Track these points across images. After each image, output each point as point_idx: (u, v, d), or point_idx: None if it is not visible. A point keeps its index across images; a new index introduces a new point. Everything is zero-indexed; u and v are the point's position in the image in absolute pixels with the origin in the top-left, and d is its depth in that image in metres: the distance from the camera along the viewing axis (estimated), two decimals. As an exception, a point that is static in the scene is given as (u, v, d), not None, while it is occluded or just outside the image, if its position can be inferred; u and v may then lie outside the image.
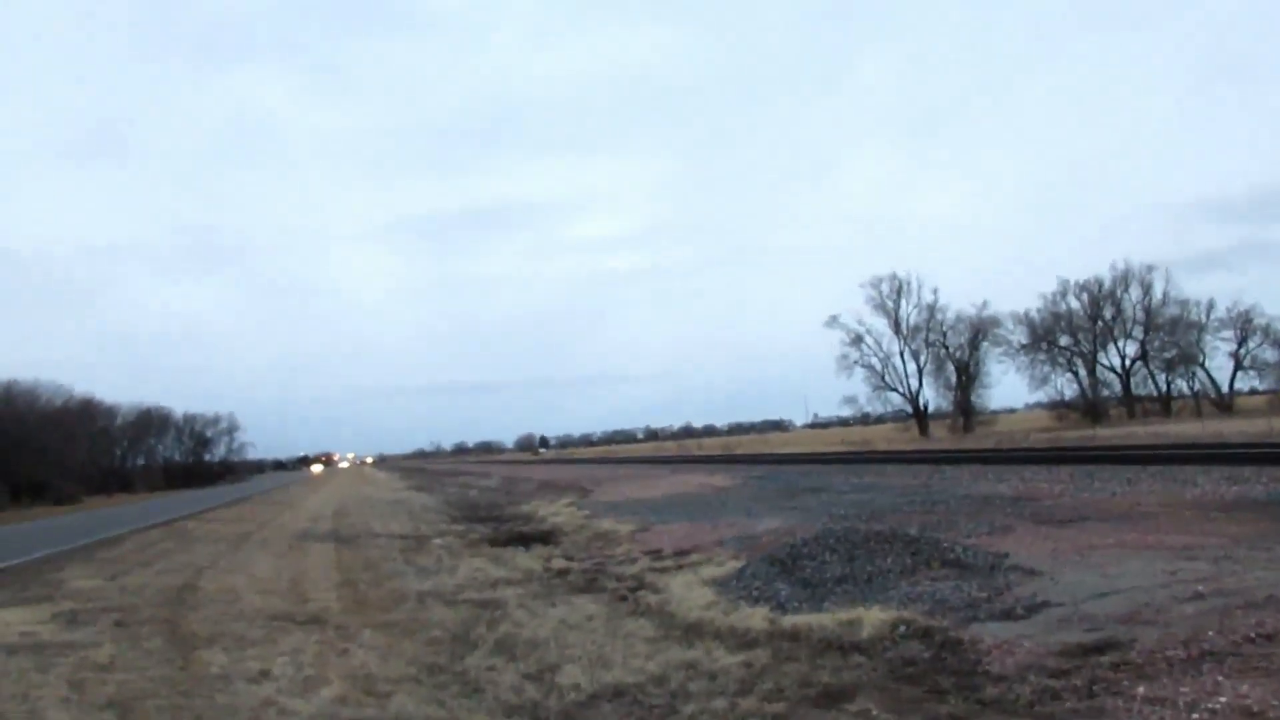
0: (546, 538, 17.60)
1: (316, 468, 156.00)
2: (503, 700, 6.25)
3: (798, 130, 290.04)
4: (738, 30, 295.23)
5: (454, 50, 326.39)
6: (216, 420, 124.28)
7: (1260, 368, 75.96)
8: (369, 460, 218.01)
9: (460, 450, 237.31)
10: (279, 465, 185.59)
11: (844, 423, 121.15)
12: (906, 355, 78.56)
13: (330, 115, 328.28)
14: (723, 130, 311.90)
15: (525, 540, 17.32)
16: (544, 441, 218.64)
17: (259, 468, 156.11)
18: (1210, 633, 5.90)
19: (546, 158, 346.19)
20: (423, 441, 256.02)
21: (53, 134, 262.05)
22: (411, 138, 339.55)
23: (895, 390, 79.22)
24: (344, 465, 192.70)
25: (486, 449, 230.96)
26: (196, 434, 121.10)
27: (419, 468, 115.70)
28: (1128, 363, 79.01)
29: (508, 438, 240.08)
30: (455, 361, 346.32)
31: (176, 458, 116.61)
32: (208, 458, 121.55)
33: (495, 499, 33.51)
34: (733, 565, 11.13)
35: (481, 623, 9.13)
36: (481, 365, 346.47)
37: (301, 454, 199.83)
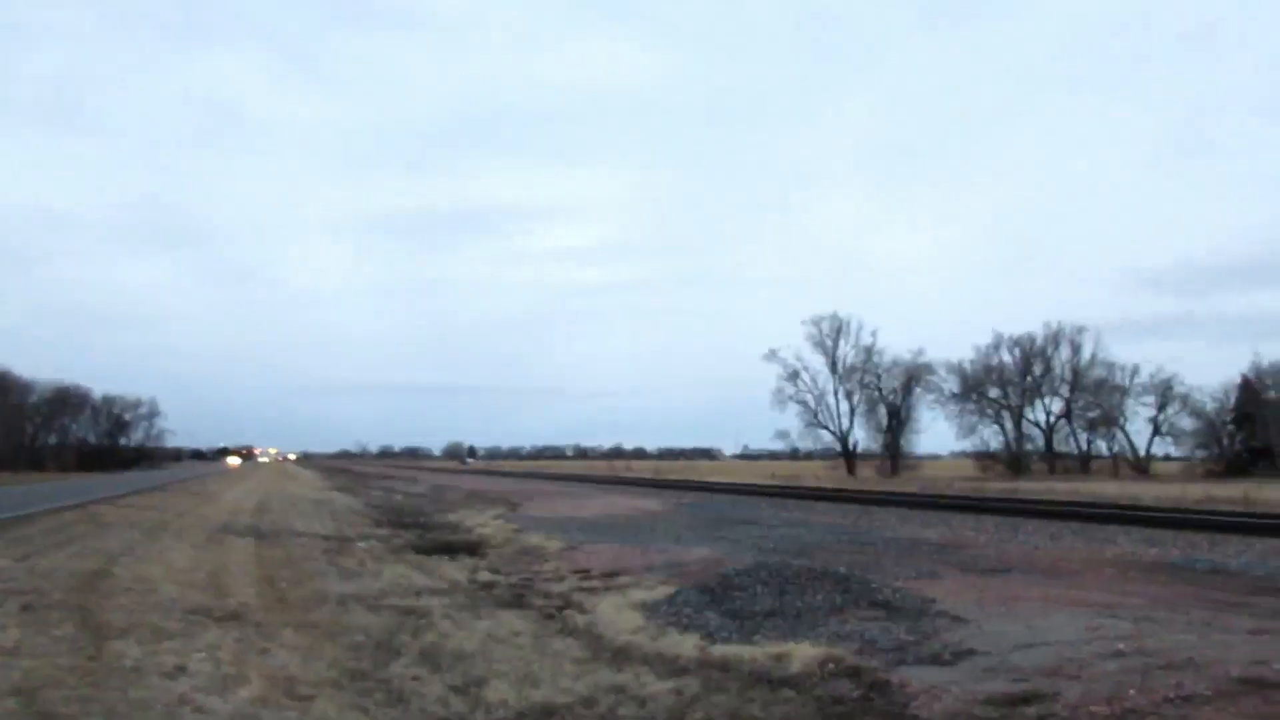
0: (473, 549, 17.37)
1: (233, 460, 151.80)
2: (428, 712, 6.13)
3: (766, 162, 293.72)
4: (719, 56, 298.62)
5: (435, 51, 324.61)
6: (137, 404, 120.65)
7: (1176, 435, 78.58)
8: (291, 457, 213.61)
9: (386, 454, 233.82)
10: (198, 455, 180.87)
11: (774, 456, 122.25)
12: (841, 394, 79.75)
13: (304, 106, 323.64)
14: (690, 154, 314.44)
15: (451, 550, 17.08)
16: (472, 451, 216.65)
17: (176, 456, 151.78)
18: (1131, 691, 6.03)
19: (515, 165, 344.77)
20: (348, 442, 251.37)
21: (9, 94, 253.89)
22: (384, 135, 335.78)
23: (826, 428, 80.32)
24: (264, 460, 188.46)
25: (413, 455, 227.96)
26: (114, 416, 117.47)
27: (343, 468, 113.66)
28: (1052, 419, 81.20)
29: (436, 445, 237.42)
30: (391, 363, 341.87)
31: (91, 439, 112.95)
32: (124, 442, 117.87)
33: (421, 506, 33.02)
34: (662, 591, 11.10)
35: (406, 630, 8.96)
36: (417, 369, 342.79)
37: (222, 445, 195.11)
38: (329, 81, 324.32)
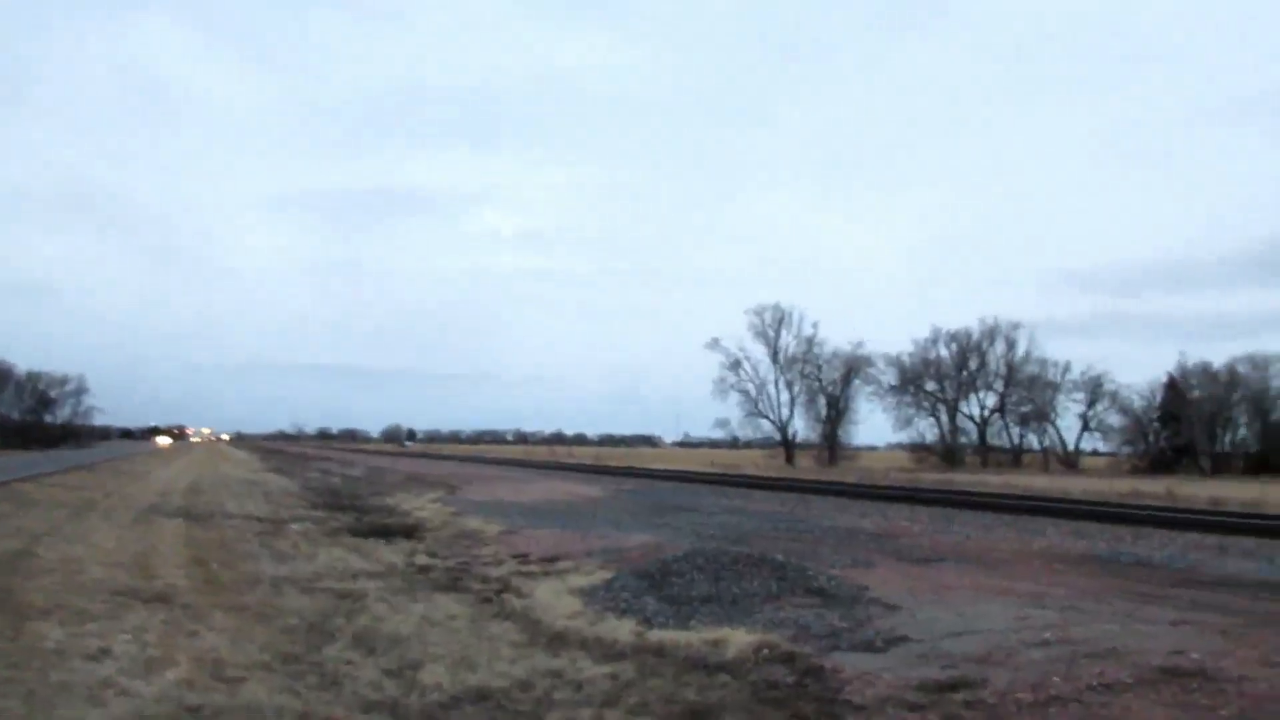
0: (410, 532, 17.20)
1: (163, 439, 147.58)
2: (361, 695, 6.05)
3: (709, 156, 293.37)
4: (664, 49, 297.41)
5: (371, 29, 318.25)
6: (64, 380, 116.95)
7: (1105, 431, 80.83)
8: (225, 437, 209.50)
9: (324, 436, 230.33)
10: (127, 434, 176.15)
11: (714, 444, 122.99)
12: (781, 384, 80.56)
13: (235, 81, 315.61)
14: (637, 144, 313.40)
15: (388, 533, 16.89)
16: (411, 434, 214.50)
17: (105, 435, 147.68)
18: (1057, 678, 6.19)
19: (455, 147, 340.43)
20: (284, 423, 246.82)
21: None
22: (316, 113, 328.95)
23: (767, 417, 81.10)
24: (197, 440, 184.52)
25: (351, 436, 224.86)
26: (39, 393, 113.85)
27: (278, 449, 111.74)
28: (986, 413, 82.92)
29: (374, 427, 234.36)
30: (330, 344, 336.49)
31: (15, 416, 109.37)
32: (49, 419, 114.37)
33: (358, 488, 32.62)
34: (601, 576, 11.10)
35: (340, 613, 8.85)
36: (357, 350, 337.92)
37: (153, 424, 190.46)
38: (261, 57, 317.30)
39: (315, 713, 5.59)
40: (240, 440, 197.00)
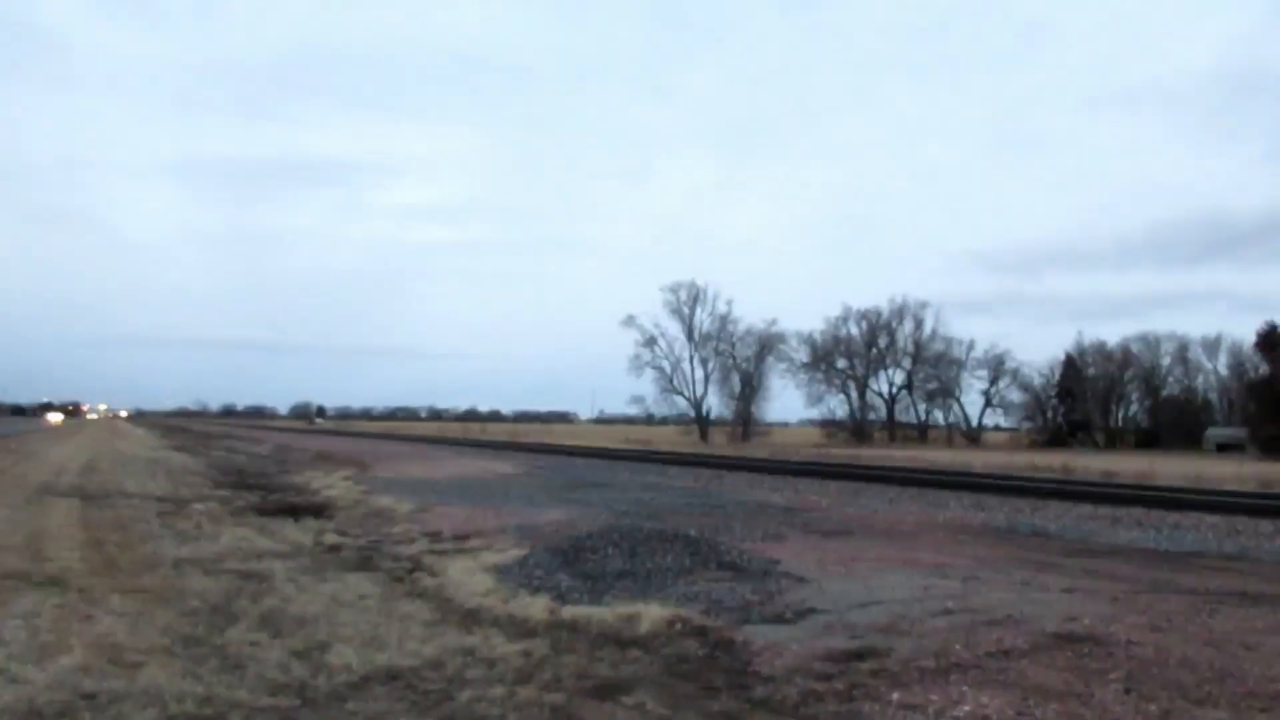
0: (319, 511, 16.87)
1: (54, 416, 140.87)
2: (267, 678, 5.91)
3: (622, 129, 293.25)
4: (574, 18, 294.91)
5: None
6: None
7: (1006, 407, 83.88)
8: (124, 414, 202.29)
9: (229, 413, 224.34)
10: (18, 411, 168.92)
11: (629, 421, 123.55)
12: (696, 361, 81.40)
13: (125, 38, 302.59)
14: (546, 116, 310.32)
15: (296, 512, 16.53)
16: (321, 411, 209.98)
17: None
18: (957, 646, 6.40)
19: (361, 116, 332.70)
20: (188, 400, 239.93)
21: None
22: (219, 75, 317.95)
23: (681, 394, 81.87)
24: (94, 417, 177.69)
25: (258, 414, 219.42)
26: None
27: (181, 427, 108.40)
28: (894, 390, 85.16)
29: (282, 404, 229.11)
30: (234, 317, 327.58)
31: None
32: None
33: (265, 467, 31.84)
34: (514, 553, 11.05)
35: (244, 595, 8.63)
36: (262, 324, 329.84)
37: (46, 400, 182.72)
38: (160, 14, 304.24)
39: (218, 697, 5.44)
40: (140, 418, 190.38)
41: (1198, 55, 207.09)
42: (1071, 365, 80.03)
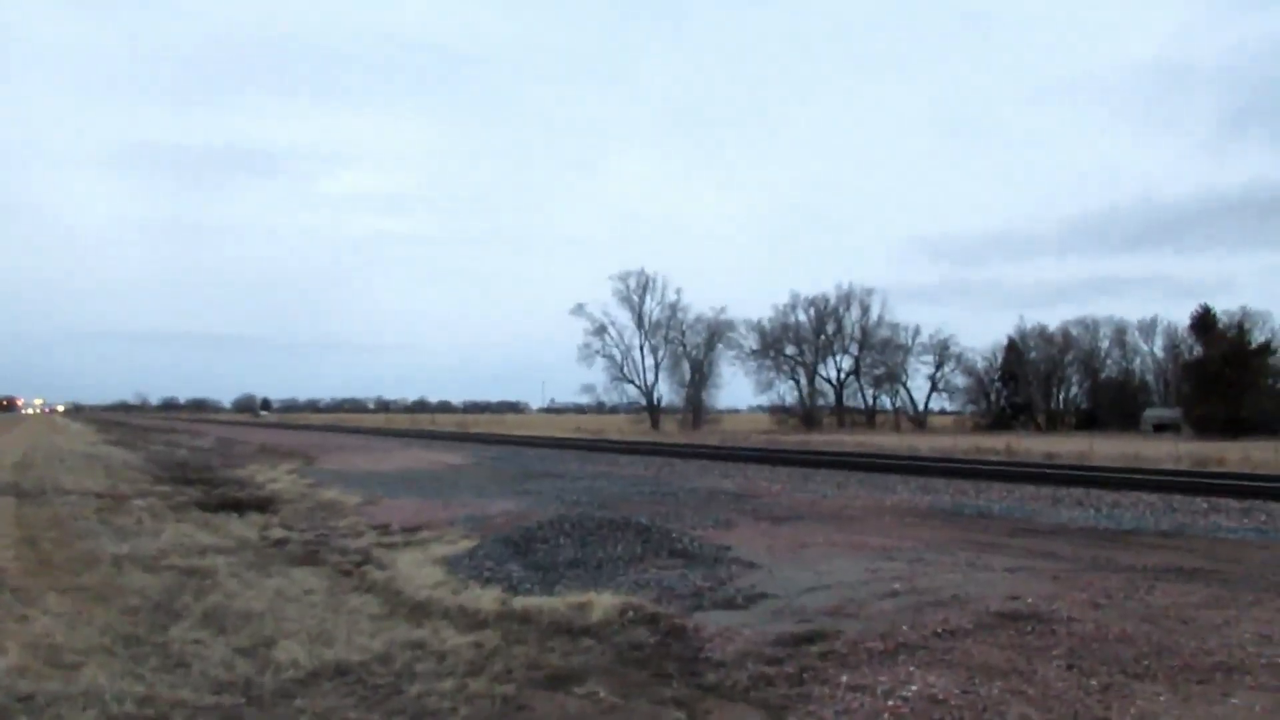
0: (264, 505, 16.60)
1: None
2: (211, 676, 5.80)
3: (571, 120, 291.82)
4: (525, 6, 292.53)
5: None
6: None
7: (951, 391, 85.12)
8: (60, 409, 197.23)
9: (170, 406, 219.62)
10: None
11: (580, 410, 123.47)
12: (646, 350, 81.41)
13: (59, 22, 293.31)
14: (494, 106, 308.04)
15: (240, 506, 16.25)
16: (266, 404, 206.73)
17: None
18: (904, 627, 6.49)
19: (304, 104, 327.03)
20: (127, 393, 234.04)
21: None
22: (158, 61, 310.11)
23: (632, 382, 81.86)
24: (30, 412, 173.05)
25: (200, 407, 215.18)
26: None
27: (120, 421, 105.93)
28: (842, 376, 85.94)
29: (225, 397, 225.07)
30: (176, 309, 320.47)
31: None
32: None
33: (208, 460, 31.24)
34: (464, 544, 10.98)
35: (187, 591, 8.46)
36: (203, 316, 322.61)
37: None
38: None
39: (160, 696, 5.32)
40: (77, 412, 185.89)
41: (1136, 47, 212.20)
42: (1013, 349, 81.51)
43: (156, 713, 5.10)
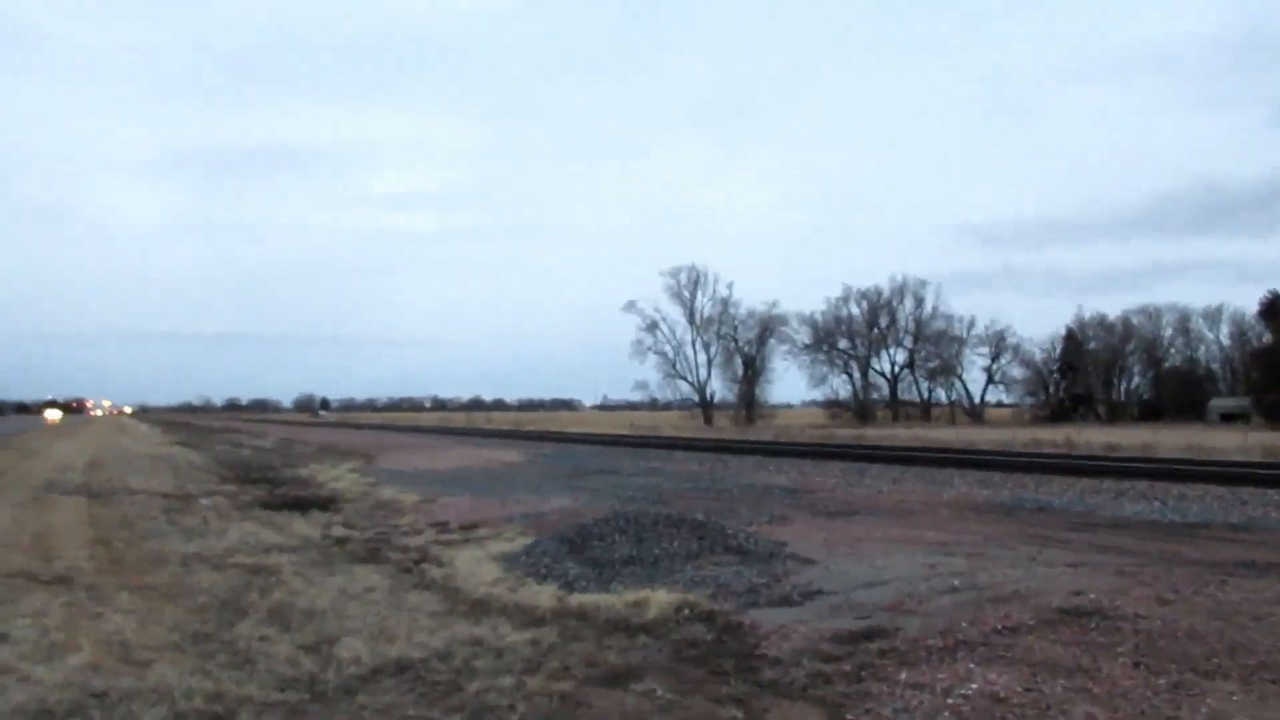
0: (326, 504, 16.91)
1: (52, 414, 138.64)
2: (276, 672, 5.93)
3: (614, 112, 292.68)
4: (560, 2, 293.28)
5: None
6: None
7: (1008, 383, 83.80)
8: (127, 410, 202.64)
9: (233, 407, 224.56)
10: (22, 408, 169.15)
11: (633, 407, 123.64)
12: (698, 346, 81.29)
13: (105, 31, 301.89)
14: (535, 100, 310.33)
15: (303, 505, 16.57)
16: (325, 404, 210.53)
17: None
18: (964, 623, 6.40)
19: (348, 103, 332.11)
20: (191, 395, 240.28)
21: None
22: (204, 63, 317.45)
23: (684, 379, 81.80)
24: (98, 414, 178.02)
25: (262, 408, 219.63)
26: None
27: (185, 422, 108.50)
28: (896, 369, 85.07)
29: (286, 397, 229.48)
30: (233, 310, 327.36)
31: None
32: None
33: (270, 460, 31.89)
34: (521, 542, 11.09)
35: (253, 589, 8.65)
36: (262, 317, 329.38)
37: (50, 398, 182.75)
38: (137, 4, 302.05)
39: (228, 692, 5.46)
40: (144, 414, 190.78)
41: (1195, 19, 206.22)
42: (1072, 339, 79.95)
43: (224, 709, 5.23)
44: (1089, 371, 78.81)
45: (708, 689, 5.48)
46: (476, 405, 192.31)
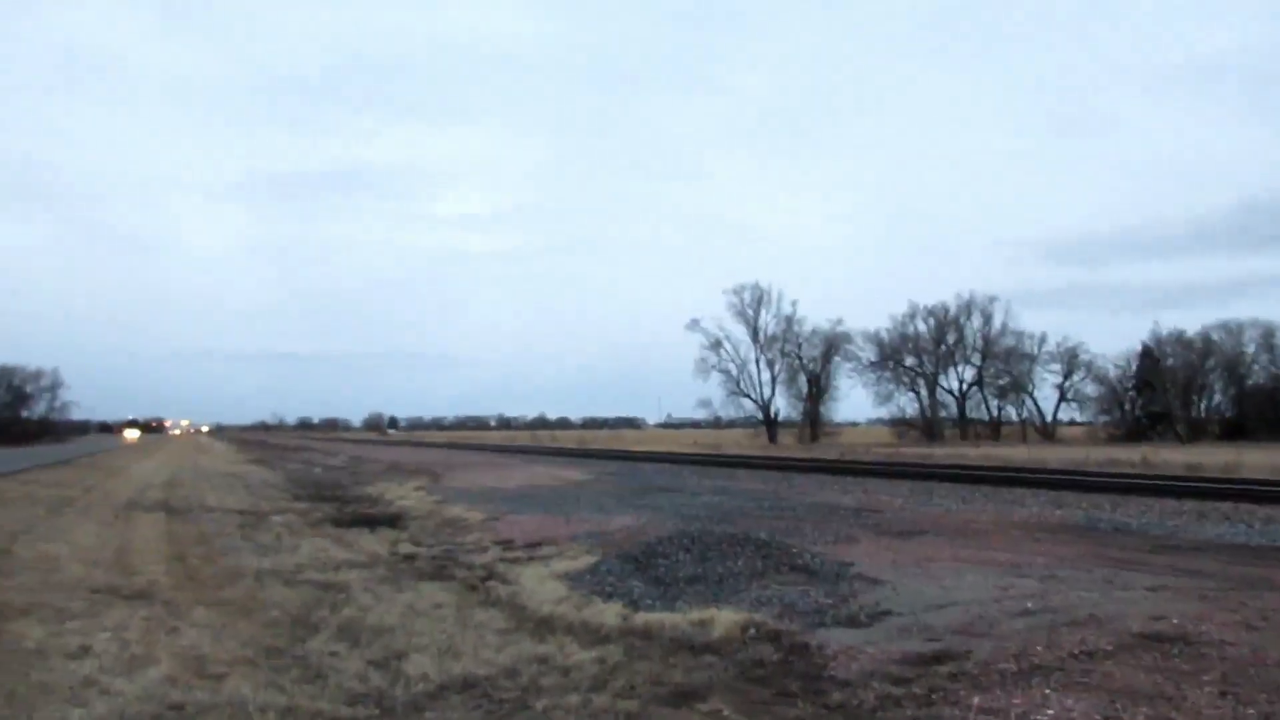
0: (394, 521, 17.16)
1: (130, 433, 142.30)
2: (346, 688, 6.02)
3: (674, 128, 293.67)
4: (622, 20, 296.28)
5: (328, 1, 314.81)
6: (38, 375, 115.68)
7: (1081, 401, 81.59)
8: (204, 429, 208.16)
9: (305, 425, 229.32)
10: (105, 428, 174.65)
11: (696, 425, 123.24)
12: (762, 363, 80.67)
13: (183, 57, 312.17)
14: (598, 119, 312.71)
15: (371, 523, 16.85)
16: (393, 422, 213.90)
17: (83, 429, 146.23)
18: (1039, 647, 6.23)
19: (414, 125, 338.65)
20: (264, 413, 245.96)
21: None
22: (274, 90, 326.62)
23: (749, 397, 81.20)
24: (176, 433, 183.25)
25: (332, 426, 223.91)
26: (14, 389, 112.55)
27: (259, 440, 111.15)
28: (965, 387, 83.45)
29: (355, 415, 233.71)
30: (303, 330, 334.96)
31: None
32: (26, 415, 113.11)
33: (340, 478, 32.48)
34: (586, 560, 11.11)
35: (324, 605, 8.80)
36: (331, 337, 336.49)
37: (131, 418, 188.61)
38: (206, 31, 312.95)
39: (300, 707, 5.55)
40: (220, 432, 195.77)
41: (1271, 27, 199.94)
42: (1148, 356, 77.64)
43: (297, 722, 5.32)
44: (1166, 389, 76.46)
45: (774, 710, 5.42)
46: (541, 423, 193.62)
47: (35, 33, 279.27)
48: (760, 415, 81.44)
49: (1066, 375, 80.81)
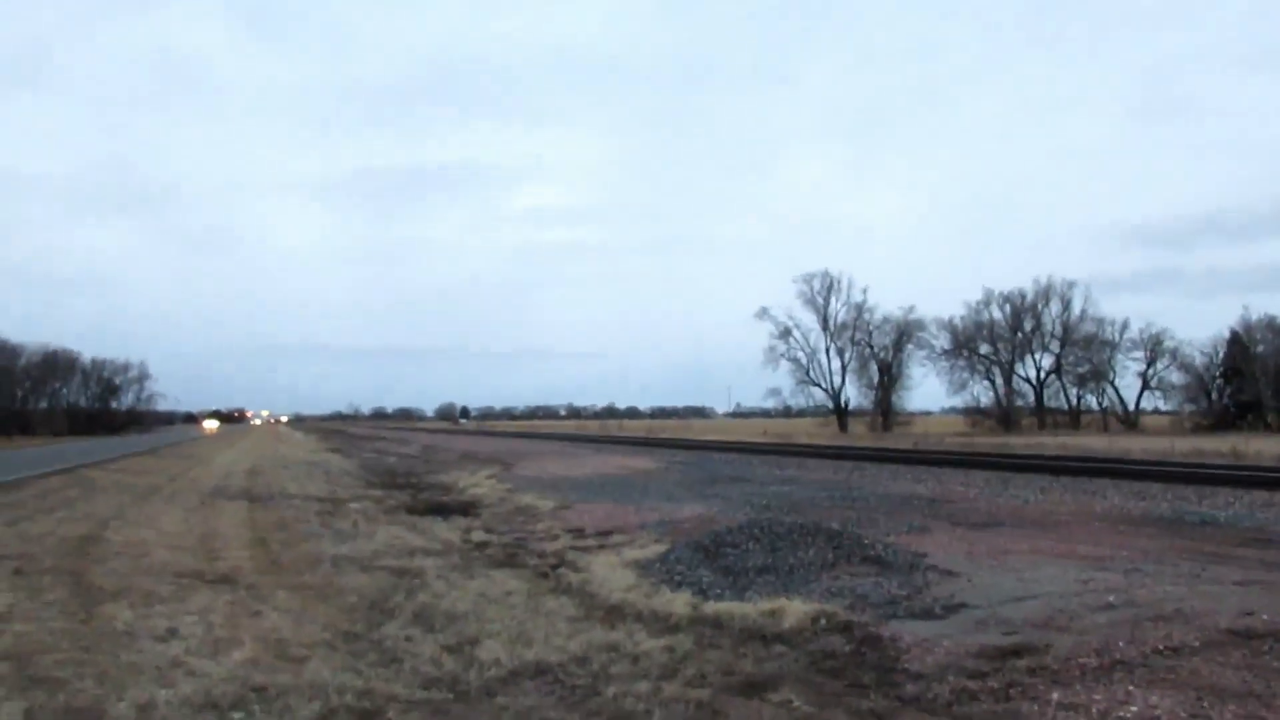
0: (466, 509, 17.41)
1: (210, 424, 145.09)
2: (421, 672, 6.13)
3: (744, 122, 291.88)
4: (695, 16, 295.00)
5: (405, 5, 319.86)
6: (126, 367, 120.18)
7: (1165, 389, 78.96)
8: (284, 419, 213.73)
9: (379, 415, 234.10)
10: (190, 418, 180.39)
11: (766, 414, 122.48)
12: (832, 352, 79.95)
13: (268, 63, 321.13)
14: (670, 115, 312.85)
15: (444, 510, 17.12)
16: (465, 412, 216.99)
17: (169, 420, 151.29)
18: (1121, 642, 6.07)
19: (490, 124, 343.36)
20: (341, 404, 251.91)
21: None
22: (354, 93, 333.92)
23: (819, 385, 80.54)
24: (257, 423, 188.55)
25: (406, 416, 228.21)
26: (105, 380, 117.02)
27: (336, 430, 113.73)
28: (1042, 375, 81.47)
29: (428, 405, 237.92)
30: (380, 324, 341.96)
31: (82, 403, 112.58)
32: (115, 406, 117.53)
33: (414, 467, 33.07)
34: (655, 549, 11.13)
35: (399, 591, 8.97)
36: (407, 329, 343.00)
37: (215, 409, 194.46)
38: (293, 37, 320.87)
39: (376, 690, 5.67)
40: (299, 422, 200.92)
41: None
42: (1237, 342, 74.79)
43: (373, 705, 5.43)
44: (1257, 377, 73.63)
45: (846, 702, 5.37)
46: (610, 413, 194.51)
47: (130, 44, 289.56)
48: (830, 404, 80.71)
49: (1150, 363, 78.34)
